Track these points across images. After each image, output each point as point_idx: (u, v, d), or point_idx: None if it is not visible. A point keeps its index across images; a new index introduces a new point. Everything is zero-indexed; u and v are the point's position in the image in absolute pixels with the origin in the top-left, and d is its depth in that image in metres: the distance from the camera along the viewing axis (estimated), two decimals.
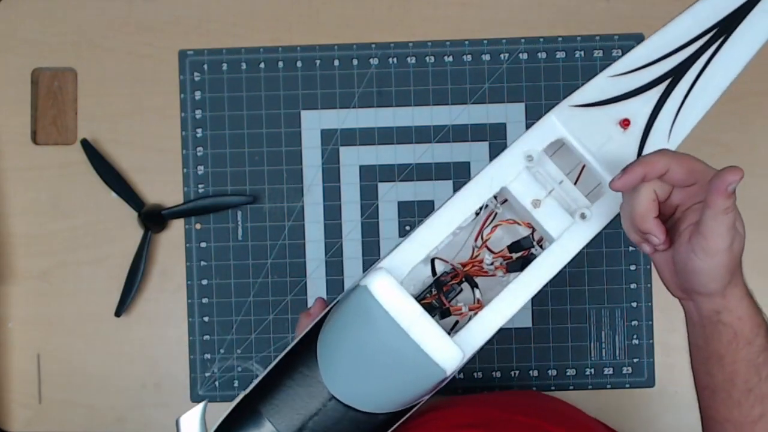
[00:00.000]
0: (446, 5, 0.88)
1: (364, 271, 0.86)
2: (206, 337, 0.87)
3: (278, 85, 0.88)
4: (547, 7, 0.88)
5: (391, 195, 0.87)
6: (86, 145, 0.86)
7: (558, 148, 0.60)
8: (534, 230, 0.61)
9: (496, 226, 0.62)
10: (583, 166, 0.60)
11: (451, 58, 0.87)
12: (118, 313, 0.86)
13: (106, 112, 0.88)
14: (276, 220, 0.87)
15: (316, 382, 0.54)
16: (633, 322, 0.86)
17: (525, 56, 0.87)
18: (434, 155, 0.87)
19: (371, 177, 0.87)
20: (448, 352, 0.51)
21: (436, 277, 0.58)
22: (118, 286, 0.86)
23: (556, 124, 0.59)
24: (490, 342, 0.56)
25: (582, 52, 0.87)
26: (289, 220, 0.87)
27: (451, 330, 0.56)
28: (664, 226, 0.56)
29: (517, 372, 0.86)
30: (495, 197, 0.60)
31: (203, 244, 0.87)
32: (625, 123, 0.59)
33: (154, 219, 0.86)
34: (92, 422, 0.87)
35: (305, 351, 0.55)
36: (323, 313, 0.58)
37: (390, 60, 0.88)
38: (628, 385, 0.87)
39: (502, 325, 0.55)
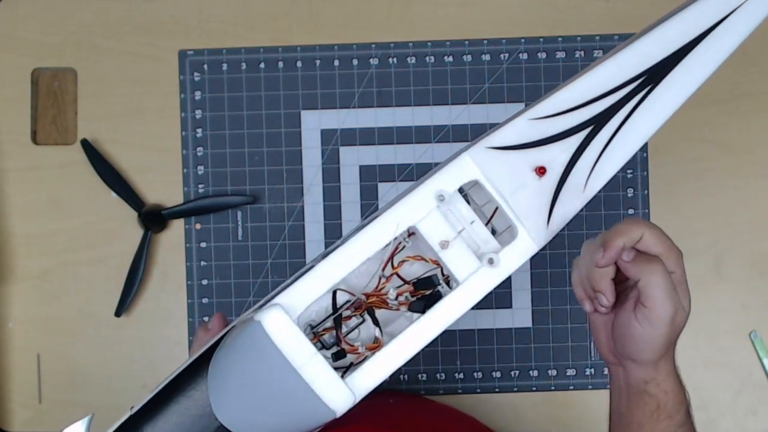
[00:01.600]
0: (446, 5, 0.88)
1: None
2: None
3: (278, 85, 0.88)
4: (547, 7, 0.88)
5: (391, 195, 0.87)
6: (86, 145, 0.86)
7: (474, 184, 0.58)
8: (441, 268, 0.60)
9: (403, 261, 0.60)
10: (497, 207, 0.59)
11: (451, 58, 0.88)
12: (118, 313, 0.86)
13: (106, 112, 0.88)
14: (276, 220, 0.87)
15: (205, 408, 0.53)
16: None
17: (525, 56, 0.87)
18: (434, 155, 0.87)
19: (371, 177, 0.87)
20: (339, 394, 0.51)
21: (335, 313, 0.57)
22: (118, 286, 0.86)
23: (470, 165, 0.58)
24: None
25: (582, 52, 0.87)
26: (289, 220, 0.87)
27: (347, 370, 0.55)
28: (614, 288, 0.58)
29: (517, 372, 0.86)
30: (409, 235, 0.58)
31: (203, 244, 0.87)
32: (540, 171, 0.57)
33: (154, 219, 0.86)
34: (92, 422, 0.87)
35: (197, 375, 0.54)
36: (219, 336, 0.56)
37: (390, 60, 0.88)
38: None
39: (398, 367, 0.54)
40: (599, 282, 0.57)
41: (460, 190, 0.57)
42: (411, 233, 0.58)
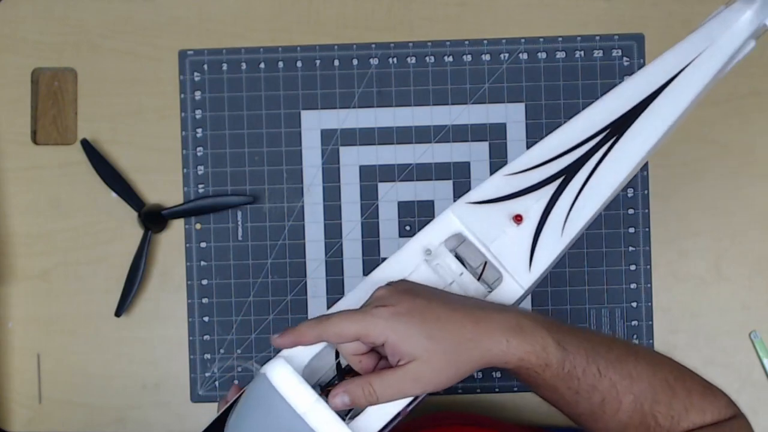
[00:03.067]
0: (446, 5, 0.88)
1: (364, 271, 0.87)
2: (206, 337, 0.87)
3: (278, 85, 0.88)
4: (547, 7, 0.88)
5: (391, 195, 0.87)
6: (86, 145, 0.86)
7: (463, 241, 0.62)
8: None
9: None
10: (486, 262, 0.62)
11: (451, 58, 0.88)
12: (118, 313, 0.86)
13: (106, 112, 0.88)
14: (276, 220, 0.87)
15: None
16: (633, 322, 0.86)
17: (525, 56, 0.87)
18: (434, 155, 0.87)
19: (371, 177, 0.87)
20: None
21: (336, 361, 0.60)
22: (118, 286, 0.86)
23: (453, 219, 0.62)
24: None
25: (582, 52, 0.87)
26: (289, 220, 0.87)
27: (348, 414, 0.57)
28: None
29: None
30: None
31: (203, 244, 0.87)
32: (517, 218, 0.62)
33: (154, 219, 0.86)
34: (92, 422, 0.87)
35: None
36: (233, 401, 0.59)
37: (390, 60, 0.88)
38: None
39: (398, 412, 0.56)
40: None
41: (452, 251, 0.62)
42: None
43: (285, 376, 0.55)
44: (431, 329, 0.54)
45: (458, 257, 0.62)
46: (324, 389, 0.58)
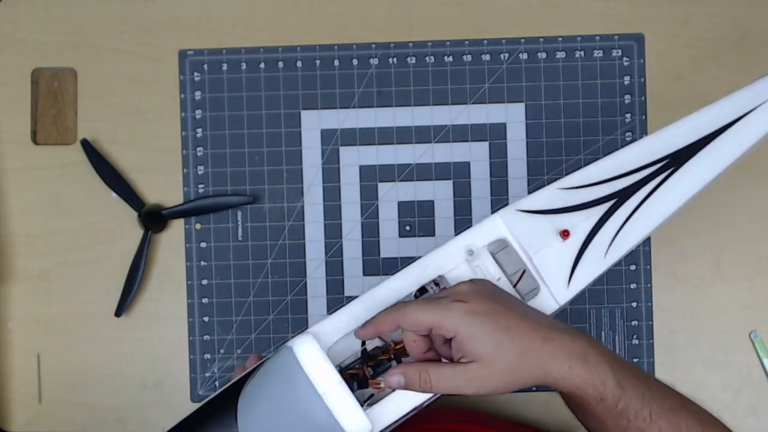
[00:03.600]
0: (446, 5, 0.88)
1: (364, 271, 0.86)
2: (206, 337, 0.87)
3: (278, 85, 0.88)
4: (547, 7, 0.88)
5: (391, 195, 0.87)
6: (86, 145, 0.86)
7: (505, 246, 0.62)
8: None
9: None
10: (523, 271, 0.62)
11: (451, 58, 0.88)
12: (118, 313, 0.86)
13: (106, 112, 0.88)
14: (276, 220, 0.87)
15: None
16: (633, 322, 0.86)
17: (525, 56, 0.87)
18: (434, 155, 0.87)
19: (371, 177, 0.87)
20: (358, 423, 0.54)
21: (362, 348, 0.60)
22: (118, 286, 0.86)
23: (500, 224, 0.62)
24: None
25: (582, 52, 0.87)
26: (289, 220, 0.87)
27: (367, 401, 0.58)
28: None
29: None
30: (436, 284, 0.62)
31: (203, 244, 0.87)
32: (564, 234, 0.62)
33: (154, 219, 0.86)
34: (92, 422, 0.87)
35: (227, 402, 0.58)
36: (252, 368, 0.59)
37: (390, 60, 0.88)
38: None
39: (415, 407, 0.57)
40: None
41: (492, 255, 0.61)
42: (442, 288, 0.61)
43: (311, 353, 0.55)
44: (501, 336, 0.54)
45: (496, 262, 0.62)
46: (344, 371, 0.58)
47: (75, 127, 0.88)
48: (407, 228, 0.87)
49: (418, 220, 0.87)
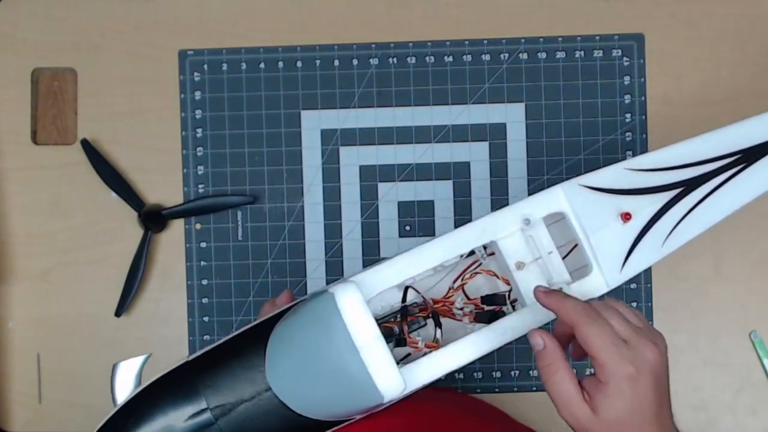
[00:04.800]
0: (446, 5, 0.88)
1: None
2: (206, 336, 0.87)
3: (278, 85, 0.88)
4: (547, 7, 0.88)
5: (391, 195, 0.87)
6: (86, 145, 0.86)
7: (560, 219, 0.60)
8: (511, 289, 0.62)
9: (477, 273, 0.62)
10: (576, 245, 0.61)
11: (451, 58, 0.88)
12: (118, 313, 0.86)
13: (106, 112, 0.88)
14: (276, 220, 0.87)
15: (258, 370, 0.54)
16: None
17: (525, 56, 0.87)
18: (434, 155, 0.87)
19: (371, 177, 0.87)
20: (391, 380, 0.52)
21: (403, 304, 0.58)
22: (118, 286, 0.86)
23: (561, 197, 0.60)
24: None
25: (582, 52, 0.87)
26: (289, 220, 0.87)
27: (402, 360, 0.56)
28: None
29: (517, 372, 0.86)
30: (484, 248, 0.61)
31: (203, 244, 0.87)
32: (626, 216, 0.60)
33: (154, 219, 0.86)
34: (92, 422, 0.87)
35: (257, 338, 0.55)
36: (286, 307, 0.57)
37: (390, 60, 0.88)
38: None
39: (451, 371, 0.56)
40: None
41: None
42: (491, 253, 0.60)
43: (353, 303, 0.52)
44: (625, 414, 0.53)
45: (550, 235, 0.60)
46: (380, 322, 0.56)
47: (75, 127, 0.88)
48: (407, 228, 0.87)
49: (418, 220, 0.87)
